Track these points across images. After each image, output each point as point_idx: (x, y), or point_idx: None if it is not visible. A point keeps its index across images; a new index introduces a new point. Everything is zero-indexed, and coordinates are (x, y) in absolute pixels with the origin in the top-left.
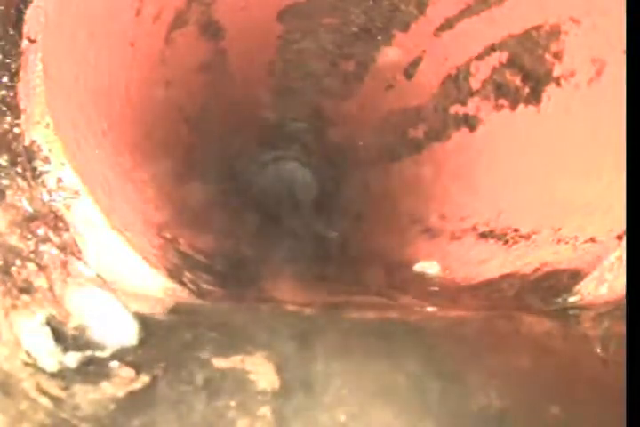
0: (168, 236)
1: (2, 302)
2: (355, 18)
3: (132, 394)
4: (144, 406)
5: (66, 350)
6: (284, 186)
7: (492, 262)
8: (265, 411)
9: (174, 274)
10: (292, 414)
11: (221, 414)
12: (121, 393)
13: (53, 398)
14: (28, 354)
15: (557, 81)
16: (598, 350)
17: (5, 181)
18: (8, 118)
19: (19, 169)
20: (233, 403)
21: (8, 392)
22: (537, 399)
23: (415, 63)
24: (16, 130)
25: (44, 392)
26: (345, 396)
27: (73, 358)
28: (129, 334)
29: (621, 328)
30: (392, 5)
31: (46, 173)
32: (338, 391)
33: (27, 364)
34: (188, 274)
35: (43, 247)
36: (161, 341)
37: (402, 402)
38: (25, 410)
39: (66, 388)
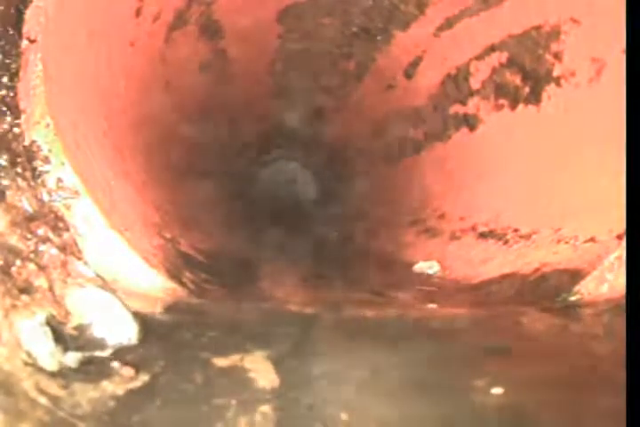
0: (168, 236)
1: (2, 302)
2: (354, 18)
3: (131, 392)
4: (144, 403)
5: (66, 349)
6: (283, 186)
7: (492, 262)
8: (265, 409)
9: (174, 274)
10: (292, 412)
11: (221, 413)
12: (121, 391)
13: (53, 397)
14: (28, 354)
15: (557, 81)
16: (599, 348)
17: (5, 181)
18: (8, 118)
19: (19, 169)
20: (233, 401)
21: (8, 392)
22: (537, 397)
23: (415, 63)
24: (16, 130)
25: (43, 392)
26: (345, 394)
27: (73, 358)
28: (129, 334)
29: (621, 326)
30: (392, 5)
31: (46, 173)
32: (338, 389)
33: (27, 364)
34: (187, 274)
35: (43, 247)
36: (161, 340)
37: (402, 400)
38: (25, 409)
39: (65, 387)
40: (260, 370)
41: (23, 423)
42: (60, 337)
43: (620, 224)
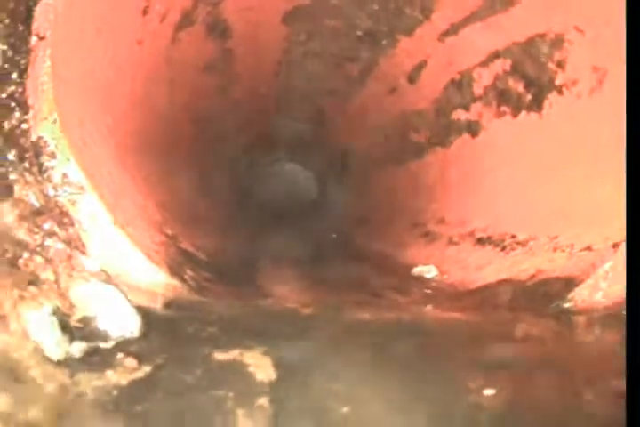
0: (169, 233)
1: (10, 293)
2: (359, 21)
3: (134, 382)
4: (146, 393)
5: (72, 340)
6: (285, 187)
7: (488, 268)
8: (263, 401)
9: (175, 271)
10: (288, 405)
11: (220, 404)
12: (124, 381)
13: (59, 385)
14: (36, 343)
15: (560, 89)
16: (591, 354)
17: (13, 176)
18: (17, 114)
19: (26, 164)
20: (231, 393)
21: (17, 379)
22: (531, 401)
23: (419, 68)
24: (24, 126)
25: (50, 379)
26: (340, 390)
27: (78, 348)
28: (132, 327)
29: (613, 334)
30: (397, 10)
31: (52, 168)
32: (334, 386)
33: (34, 353)
34: (188, 271)
35: (49, 241)
36: (162, 334)
37: (397, 398)
38: (32, 396)
39: (71, 375)
40: (259, 365)
41: (31, 409)
42: (66, 328)
43: (617, 233)
